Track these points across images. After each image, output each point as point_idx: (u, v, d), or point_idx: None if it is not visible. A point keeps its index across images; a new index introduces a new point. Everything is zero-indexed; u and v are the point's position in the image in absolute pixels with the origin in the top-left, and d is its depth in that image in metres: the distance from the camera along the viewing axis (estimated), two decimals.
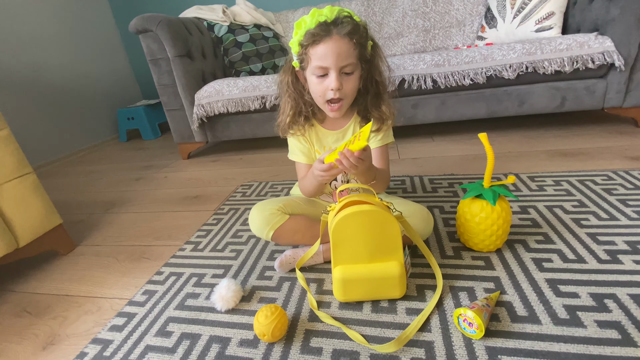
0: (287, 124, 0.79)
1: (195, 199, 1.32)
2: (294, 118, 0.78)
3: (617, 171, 1.02)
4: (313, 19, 0.66)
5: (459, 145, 1.47)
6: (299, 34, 0.69)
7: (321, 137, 0.82)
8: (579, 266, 0.68)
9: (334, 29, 0.65)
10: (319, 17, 0.66)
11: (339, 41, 0.65)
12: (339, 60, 0.66)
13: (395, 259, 0.63)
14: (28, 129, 2.05)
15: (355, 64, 0.68)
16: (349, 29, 0.65)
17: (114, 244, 1.07)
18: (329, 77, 0.68)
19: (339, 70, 0.67)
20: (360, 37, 0.67)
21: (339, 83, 0.68)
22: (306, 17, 0.67)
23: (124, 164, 2.00)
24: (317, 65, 0.68)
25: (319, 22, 0.66)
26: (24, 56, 2.06)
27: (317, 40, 0.66)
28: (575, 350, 0.51)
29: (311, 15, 0.67)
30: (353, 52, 0.67)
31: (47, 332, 0.74)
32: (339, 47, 0.65)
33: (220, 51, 1.96)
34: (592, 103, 1.35)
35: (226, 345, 0.62)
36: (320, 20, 0.66)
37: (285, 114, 0.79)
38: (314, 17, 0.66)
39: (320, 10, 0.67)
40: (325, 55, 0.66)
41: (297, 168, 0.86)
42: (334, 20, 0.65)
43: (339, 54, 0.66)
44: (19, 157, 0.93)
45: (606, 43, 1.23)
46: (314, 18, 0.66)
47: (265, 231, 0.80)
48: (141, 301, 0.77)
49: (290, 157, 0.85)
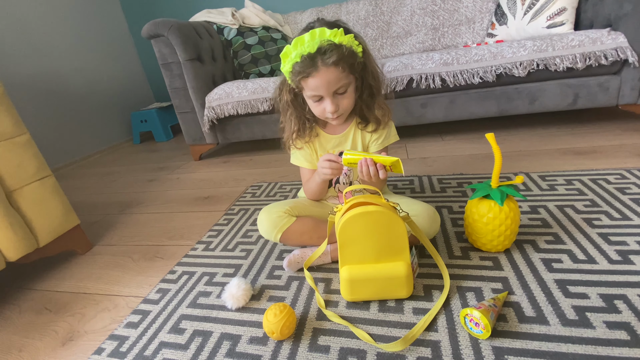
0: (295, 141, 0.81)
1: (206, 199, 1.35)
2: (300, 133, 0.80)
3: (631, 170, 1.00)
4: (297, 52, 0.65)
5: (468, 144, 1.46)
6: (286, 65, 0.68)
7: (323, 142, 0.83)
8: (590, 267, 0.67)
9: (319, 61, 0.64)
10: (302, 49, 0.64)
11: (327, 72, 0.65)
12: (331, 87, 0.68)
13: (402, 259, 0.64)
14: (46, 133, 2.12)
15: (347, 82, 0.69)
16: (334, 58, 0.64)
17: (129, 244, 1.11)
18: (325, 102, 0.70)
19: (333, 94, 0.69)
20: (348, 59, 0.66)
21: (334, 106, 0.70)
22: (290, 48, 0.66)
23: (137, 165, 2.05)
24: (311, 95, 0.70)
25: (303, 55, 0.65)
26: (41, 63, 2.13)
27: (305, 75, 0.66)
28: (583, 351, 0.51)
29: (294, 46, 0.65)
30: (343, 75, 0.67)
31: (66, 329, 0.77)
32: (327, 77, 0.66)
33: (230, 54, 1.99)
34: (606, 100, 1.32)
35: (236, 342, 0.64)
36: (303, 53, 0.64)
37: (291, 130, 0.80)
38: (297, 49, 0.65)
39: (302, 39, 0.64)
40: (317, 87, 0.68)
41: (301, 172, 0.89)
42: (318, 50, 0.64)
43: (328, 82, 0.67)
44: (39, 161, 0.97)
45: (619, 39, 1.20)
46: (297, 50, 0.65)
47: (273, 233, 0.81)
48: (155, 299, 0.80)
49: (293, 161, 0.87)
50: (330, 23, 0.68)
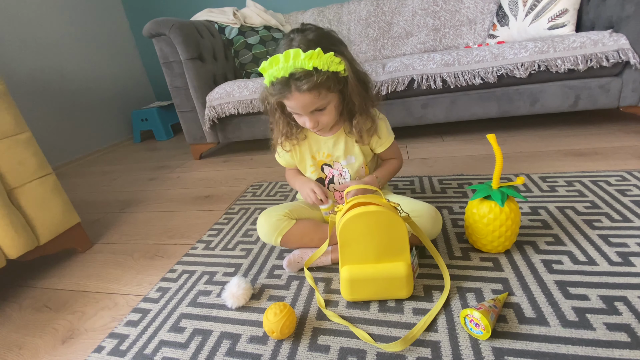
0: (283, 143, 0.81)
1: (206, 198, 1.35)
2: (288, 136, 0.80)
3: (632, 172, 1.00)
4: (271, 72, 0.63)
5: (469, 145, 1.46)
6: (265, 79, 0.67)
7: (313, 144, 0.83)
8: (590, 268, 0.67)
9: (293, 85, 0.63)
10: (276, 71, 0.62)
11: (301, 97, 0.64)
12: (307, 109, 0.67)
13: (402, 260, 0.64)
14: (47, 131, 2.13)
15: (326, 102, 0.68)
16: (307, 86, 0.62)
17: (129, 243, 1.11)
18: (304, 118, 0.70)
19: (311, 112, 0.69)
20: (324, 84, 0.64)
21: (313, 122, 0.70)
22: (266, 66, 0.64)
23: (138, 164, 2.05)
24: (290, 110, 0.71)
25: (277, 77, 0.63)
26: (42, 61, 2.14)
27: (280, 96, 0.66)
28: (583, 353, 0.51)
29: (269, 64, 0.63)
30: (319, 98, 0.65)
31: (67, 327, 0.77)
32: (302, 101, 0.65)
33: (231, 53, 1.99)
34: (607, 102, 1.32)
35: (236, 341, 0.64)
36: (277, 76, 0.63)
37: (280, 132, 0.80)
38: (272, 68, 0.63)
39: (277, 60, 0.62)
40: (293, 107, 0.68)
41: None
42: (290, 76, 0.62)
43: (304, 105, 0.66)
44: (40, 159, 0.97)
45: (621, 41, 1.20)
46: (271, 70, 0.63)
47: (273, 237, 0.81)
48: (155, 298, 0.80)
49: (277, 159, 0.90)
50: (309, 40, 0.63)
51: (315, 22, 2.06)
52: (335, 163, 0.83)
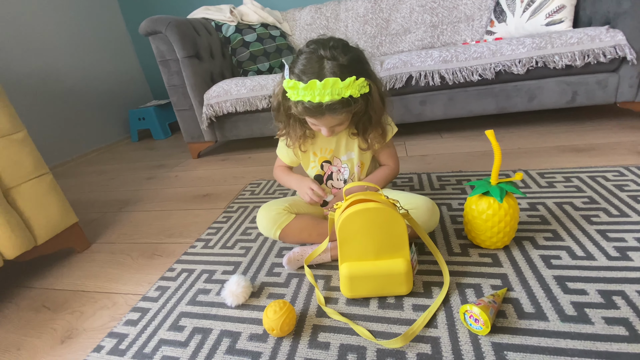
0: (302, 145, 0.83)
1: (205, 197, 1.35)
2: (304, 138, 0.82)
3: (629, 167, 1.01)
4: (306, 94, 0.63)
5: (467, 141, 1.46)
6: (293, 95, 0.66)
7: (320, 141, 0.84)
8: (588, 263, 0.67)
9: (326, 111, 0.65)
10: (312, 95, 0.63)
11: (330, 119, 0.69)
12: (330, 125, 0.71)
13: (401, 256, 0.64)
14: (43, 131, 2.11)
15: (347, 118, 0.72)
16: (340, 111, 0.66)
17: (128, 242, 1.10)
18: (322, 127, 0.72)
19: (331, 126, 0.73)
20: (353, 107, 0.67)
21: (330, 132, 0.73)
22: (301, 87, 0.63)
23: (135, 163, 2.04)
24: (311, 122, 0.73)
25: (311, 101, 0.64)
26: (38, 60, 2.12)
27: (309, 115, 0.69)
28: (582, 347, 0.51)
29: (305, 88, 0.63)
30: (344, 117, 0.70)
31: (65, 327, 0.77)
32: (330, 122, 0.70)
33: (228, 51, 1.98)
34: (604, 97, 1.32)
35: (236, 339, 0.64)
36: (312, 100, 0.63)
37: (296, 136, 0.81)
38: (307, 91, 0.63)
39: (314, 86, 0.62)
40: (316, 123, 0.71)
41: (278, 158, 0.93)
42: (327, 105, 0.64)
43: (329, 123, 0.71)
44: (36, 158, 0.96)
45: (618, 36, 1.20)
46: (306, 93, 0.63)
47: (272, 230, 0.81)
48: (154, 297, 0.80)
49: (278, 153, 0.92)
50: (343, 67, 0.63)
51: (313, 20, 2.05)
52: (335, 159, 0.85)
